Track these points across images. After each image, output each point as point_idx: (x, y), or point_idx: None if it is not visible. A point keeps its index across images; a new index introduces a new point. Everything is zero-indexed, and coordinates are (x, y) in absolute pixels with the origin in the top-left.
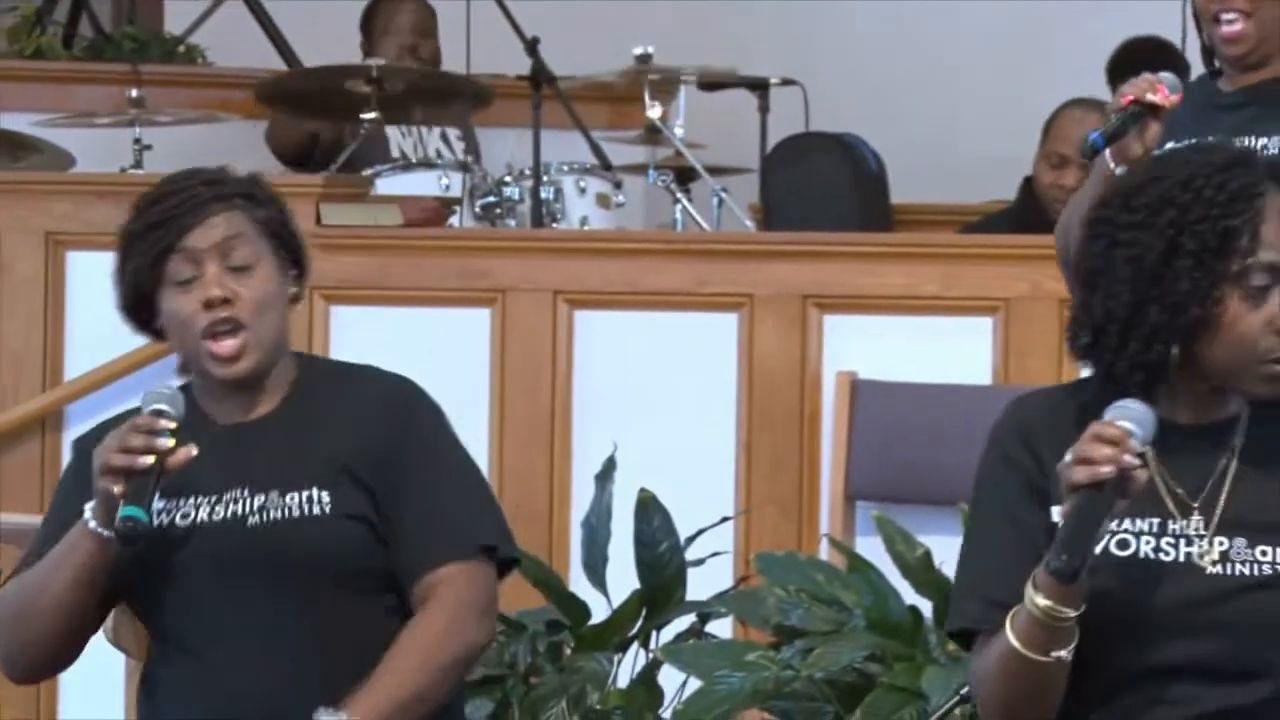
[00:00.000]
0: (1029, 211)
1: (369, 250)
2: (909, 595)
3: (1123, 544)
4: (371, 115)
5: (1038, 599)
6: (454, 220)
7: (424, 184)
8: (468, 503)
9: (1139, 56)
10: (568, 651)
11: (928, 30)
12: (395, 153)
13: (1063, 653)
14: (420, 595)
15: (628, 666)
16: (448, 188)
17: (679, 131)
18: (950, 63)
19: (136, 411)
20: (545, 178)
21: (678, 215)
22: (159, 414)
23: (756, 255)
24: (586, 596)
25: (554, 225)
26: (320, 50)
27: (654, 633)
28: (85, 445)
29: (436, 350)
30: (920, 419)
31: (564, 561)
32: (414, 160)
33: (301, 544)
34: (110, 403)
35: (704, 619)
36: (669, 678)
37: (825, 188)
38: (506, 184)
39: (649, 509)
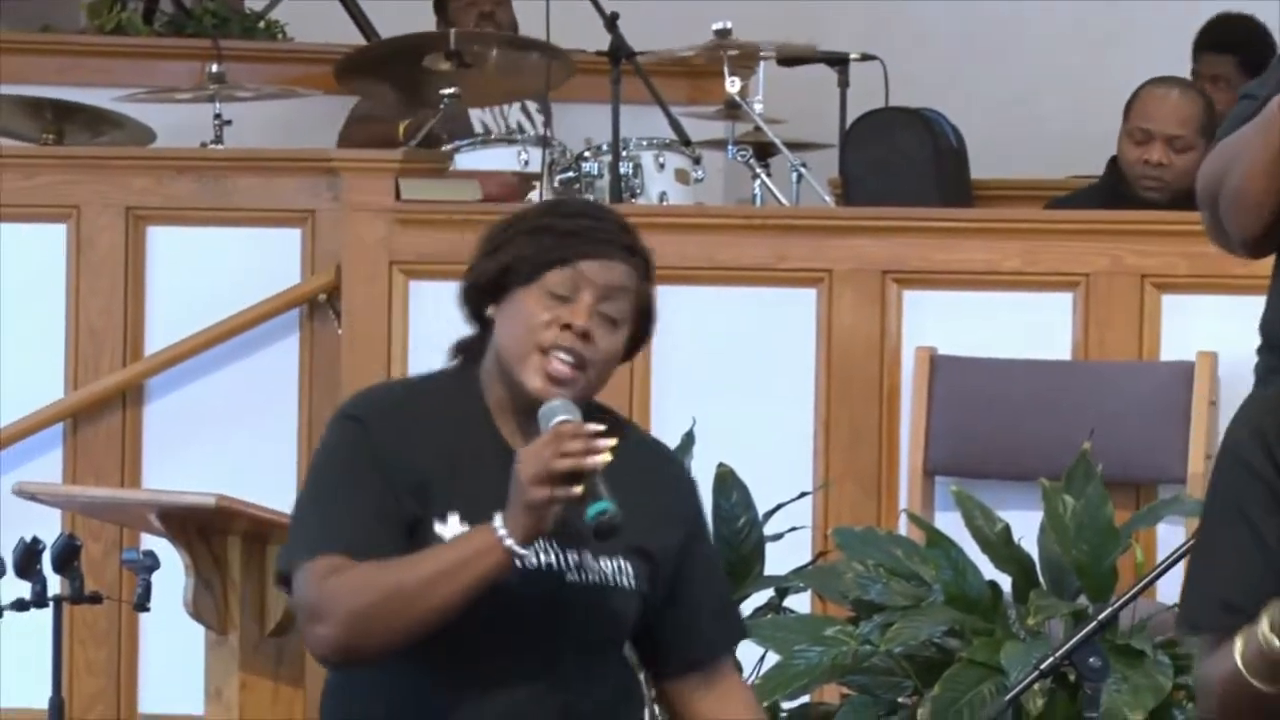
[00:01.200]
0: (1116, 188)
1: (448, 225)
2: (988, 570)
3: None
4: (451, 91)
5: (1271, 636)
6: (533, 195)
7: (503, 159)
8: (729, 594)
9: (1226, 33)
10: None
11: (1008, 4)
12: (477, 127)
13: None
14: (708, 680)
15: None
16: (527, 163)
17: (758, 107)
18: (1031, 37)
19: (414, 389)
20: (624, 153)
21: (757, 191)
22: (574, 421)
23: (836, 231)
24: None
25: (633, 201)
26: (400, 28)
27: None
28: (370, 413)
29: None
30: (1000, 394)
31: None
32: (494, 134)
33: (611, 612)
34: (190, 377)
35: (782, 594)
36: (747, 652)
37: (905, 163)
38: (585, 159)
39: (728, 484)
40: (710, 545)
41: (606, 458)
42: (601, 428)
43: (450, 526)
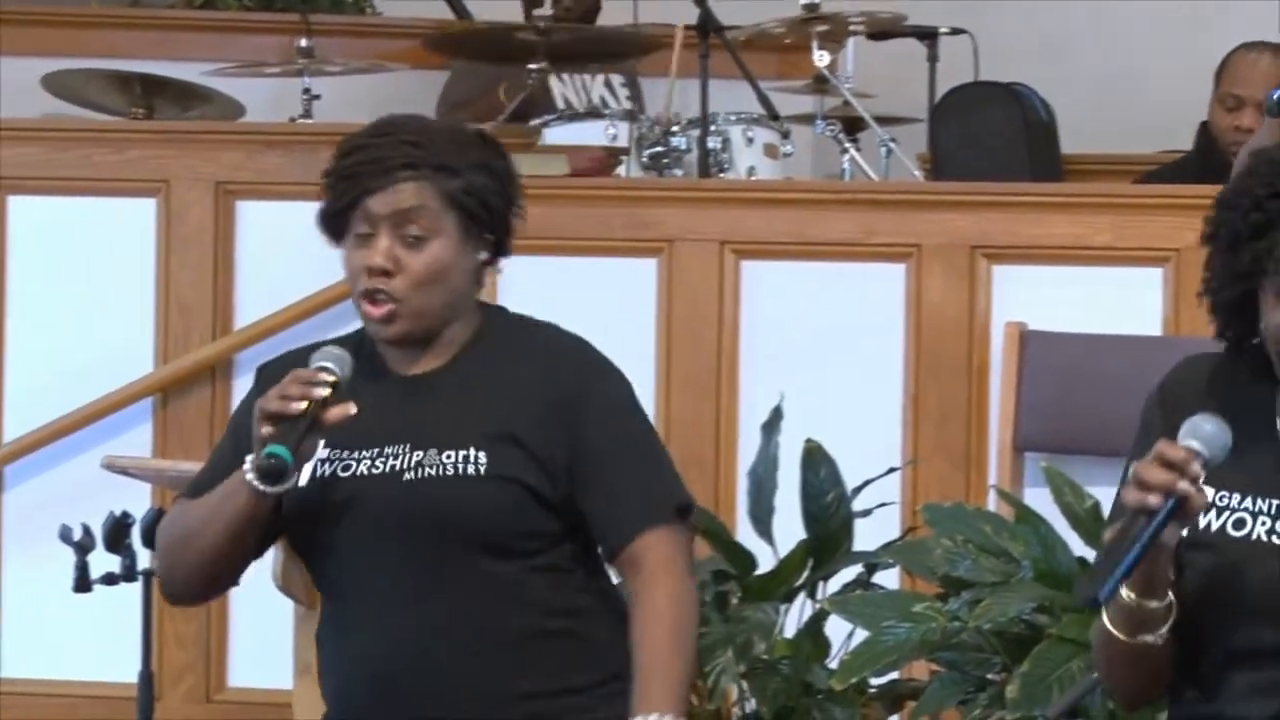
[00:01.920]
0: (1208, 156)
1: (535, 200)
2: (1078, 546)
3: (1239, 524)
4: (539, 66)
5: (1122, 589)
6: (621, 170)
7: (591, 134)
8: (657, 466)
9: None
10: (734, 601)
11: None
12: (559, 102)
13: (1150, 637)
14: (628, 562)
15: (794, 617)
16: (615, 137)
17: (847, 81)
18: (1122, 10)
19: (317, 346)
20: (713, 128)
21: (845, 165)
22: (322, 369)
23: (925, 205)
24: (753, 547)
25: (721, 175)
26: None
27: (820, 583)
28: (267, 371)
29: (603, 301)
30: (1090, 370)
31: (730, 512)
32: (578, 108)
33: (453, 503)
34: (280, 350)
35: (871, 570)
36: (835, 628)
37: (995, 137)
38: (674, 134)
39: (816, 459)
40: (612, 424)
41: (302, 407)
42: (331, 379)
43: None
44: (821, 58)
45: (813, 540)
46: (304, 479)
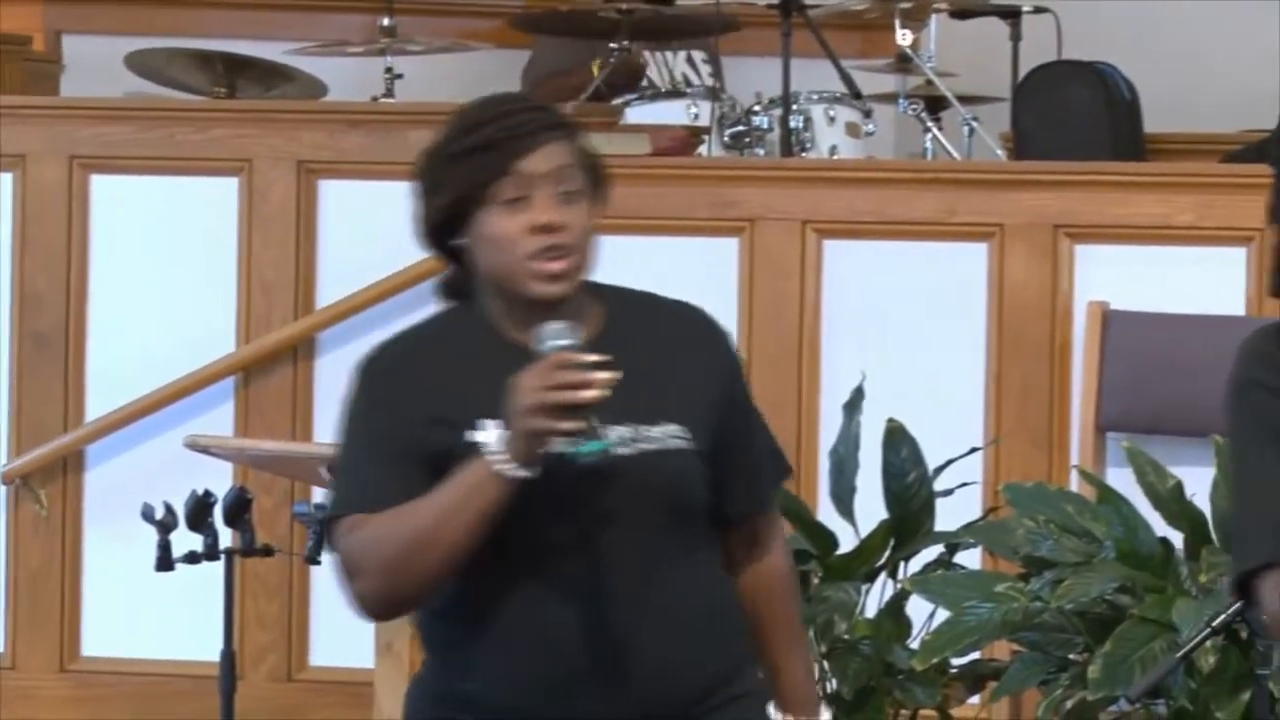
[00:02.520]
0: None
1: (617, 180)
2: (1160, 527)
3: None
4: (622, 45)
5: None
6: (702, 149)
7: (673, 113)
8: (772, 442)
9: None
10: (815, 581)
11: None
12: (642, 79)
13: None
14: (749, 531)
15: (875, 596)
16: (696, 116)
17: (930, 60)
18: None
19: (413, 333)
20: (795, 106)
21: (928, 144)
22: (566, 348)
23: (1007, 185)
24: (834, 526)
25: (803, 154)
26: None
27: (902, 563)
28: (377, 366)
29: (685, 281)
30: (1173, 350)
31: (811, 491)
32: (661, 87)
33: (672, 477)
34: (362, 330)
35: (952, 549)
36: (917, 608)
37: (1077, 116)
38: (755, 113)
39: (897, 439)
40: (748, 400)
41: (602, 393)
42: (598, 358)
43: (485, 433)
44: (904, 36)
45: (894, 520)
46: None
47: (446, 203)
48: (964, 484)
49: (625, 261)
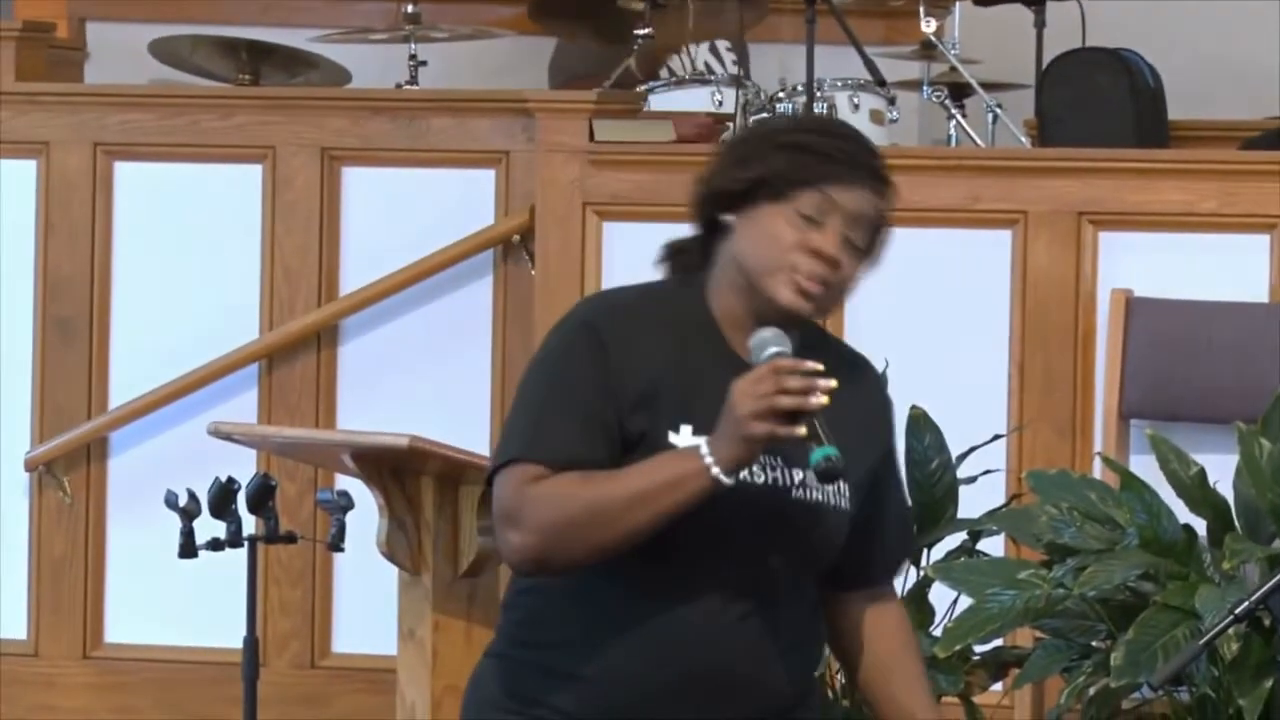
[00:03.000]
0: None
1: (641, 166)
2: (1183, 514)
3: None
4: (645, 31)
5: None
6: (725, 137)
7: (697, 100)
8: (907, 513)
9: None
10: None
11: None
12: (664, 69)
13: None
14: (872, 596)
15: (898, 584)
16: (721, 103)
17: (954, 47)
18: None
19: (642, 299)
20: (819, 94)
21: (952, 131)
22: (781, 354)
23: (1031, 171)
24: None
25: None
26: None
27: (925, 550)
28: (601, 319)
29: None
30: (1196, 336)
31: None
32: (683, 74)
33: (825, 532)
34: (385, 317)
35: (975, 537)
36: (939, 595)
37: (1102, 103)
38: (780, 100)
39: (920, 426)
40: (897, 462)
41: (824, 400)
42: (820, 366)
43: (683, 438)
44: (928, 23)
45: (917, 507)
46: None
47: (750, 178)
48: (987, 471)
49: (648, 248)
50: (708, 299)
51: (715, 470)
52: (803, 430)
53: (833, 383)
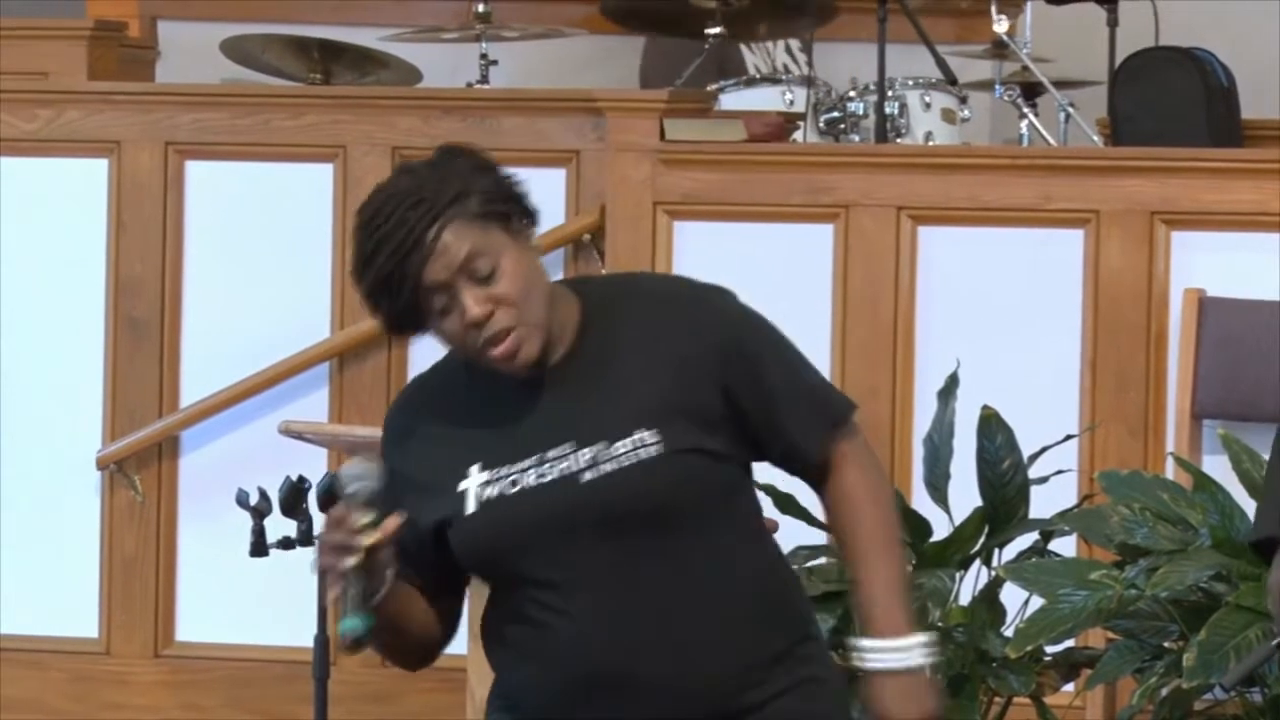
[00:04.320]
0: None
1: (712, 165)
2: None
3: None
4: (717, 30)
5: None
6: (797, 135)
7: (768, 99)
8: (809, 378)
9: None
10: (910, 568)
11: None
12: (749, 69)
13: None
14: (819, 477)
15: (969, 584)
16: (791, 103)
17: (1026, 46)
18: None
19: (414, 382)
20: (890, 93)
21: (1024, 130)
22: (348, 498)
23: (1104, 171)
24: (928, 513)
25: (898, 140)
26: None
27: (996, 550)
28: (392, 422)
29: (779, 267)
30: (1269, 337)
31: (905, 478)
32: (756, 74)
33: (643, 490)
34: None
35: (1046, 537)
36: (1011, 596)
37: (1175, 103)
38: (851, 99)
39: (992, 426)
40: (764, 351)
41: (352, 562)
42: (365, 520)
43: (473, 478)
44: (1000, 22)
45: (988, 507)
46: (469, 507)
47: (391, 323)
48: (1059, 471)
49: (719, 248)
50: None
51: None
52: (335, 594)
53: (372, 539)
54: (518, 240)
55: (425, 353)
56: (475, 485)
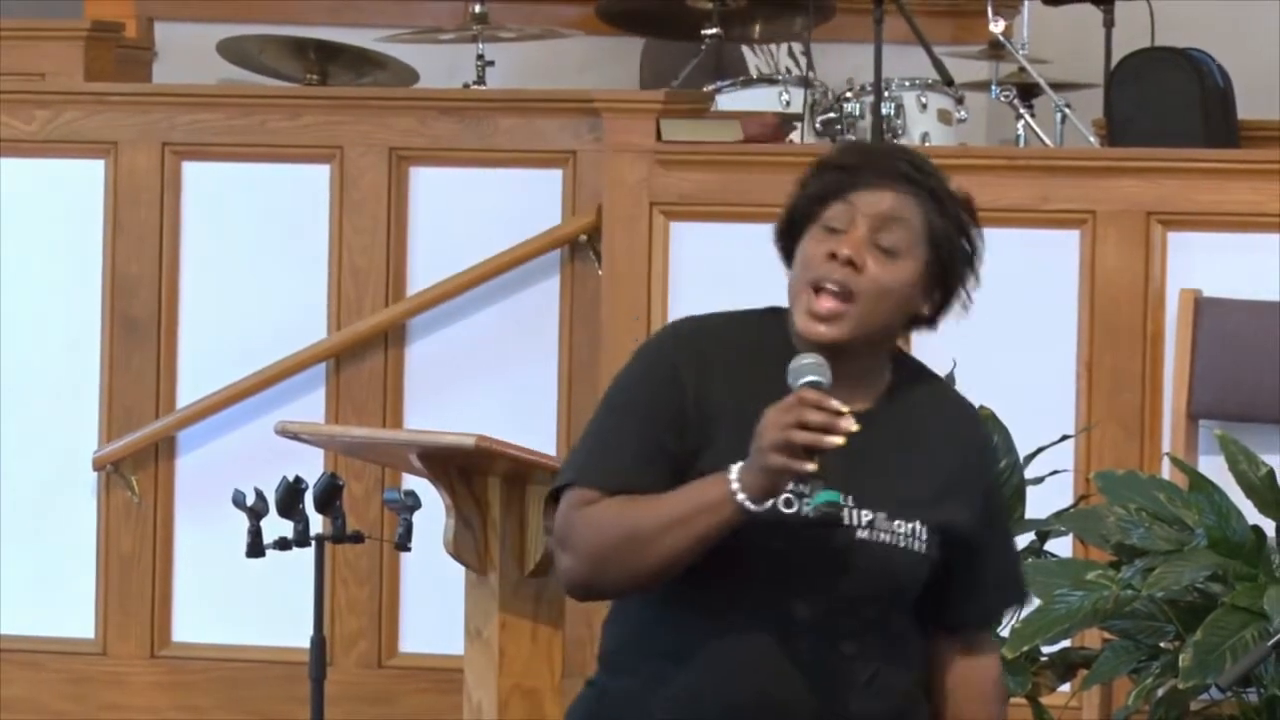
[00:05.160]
0: None
1: (709, 166)
2: (1252, 515)
3: None
4: (713, 31)
5: None
6: (794, 136)
7: (765, 100)
8: (1016, 560)
9: None
10: None
11: None
12: (752, 71)
13: None
14: (967, 647)
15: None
16: (788, 103)
17: (1023, 47)
18: None
19: (728, 325)
20: (886, 93)
21: (1020, 131)
22: (817, 387)
23: (1100, 171)
24: None
25: (895, 141)
26: None
27: None
28: (684, 341)
29: (776, 267)
30: (1266, 337)
31: None
32: (754, 75)
33: (896, 576)
34: (452, 317)
35: (1043, 537)
36: None
37: (1171, 103)
38: (848, 100)
39: (988, 426)
40: (1004, 512)
41: (839, 441)
42: (843, 408)
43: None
44: (997, 23)
45: None
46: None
47: (792, 205)
48: (1055, 471)
49: (716, 249)
50: (790, 329)
51: (740, 497)
52: (813, 466)
53: (853, 425)
54: (923, 282)
55: (421, 356)
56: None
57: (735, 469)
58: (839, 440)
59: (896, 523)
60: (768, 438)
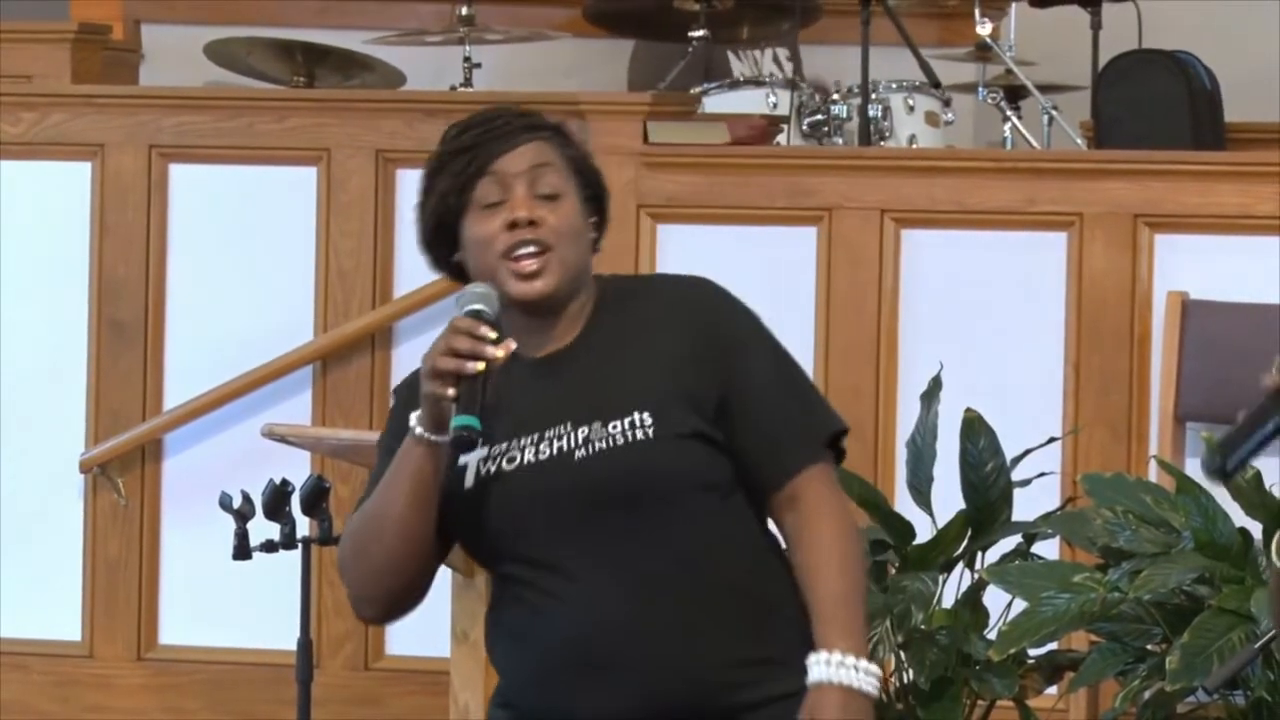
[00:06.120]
0: None
1: (695, 168)
2: (1239, 517)
3: None
4: (700, 34)
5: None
6: (781, 138)
7: (751, 102)
8: (807, 397)
9: None
10: (892, 571)
11: None
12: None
13: None
14: (786, 499)
15: (952, 587)
16: (775, 106)
17: (1010, 49)
18: None
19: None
20: (874, 95)
21: (1007, 133)
22: (478, 315)
23: (1087, 174)
24: (911, 516)
25: (882, 143)
26: None
27: (979, 553)
28: (404, 391)
29: (763, 269)
30: (1252, 339)
31: (889, 481)
32: (740, 77)
33: (632, 471)
34: (440, 319)
35: (1030, 540)
36: (994, 598)
37: (1158, 105)
38: (834, 102)
39: (975, 429)
40: (768, 359)
41: (479, 367)
42: (493, 335)
43: (474, 454)
44: (984, 25)
45: (971, 510)
46: (468, 482)
47: (433, 212)
48: (1042, 474)
49: (703, 251)
50: (502, 308)
51: (419, 430)
52: (452, 392)
53: (498, 353)
54: (584, 210)
55: (409, 357)
56: (475, 460)
57: (414, 415)
58: (478, 366)
59: (611, 425)
60: (424, 366)
